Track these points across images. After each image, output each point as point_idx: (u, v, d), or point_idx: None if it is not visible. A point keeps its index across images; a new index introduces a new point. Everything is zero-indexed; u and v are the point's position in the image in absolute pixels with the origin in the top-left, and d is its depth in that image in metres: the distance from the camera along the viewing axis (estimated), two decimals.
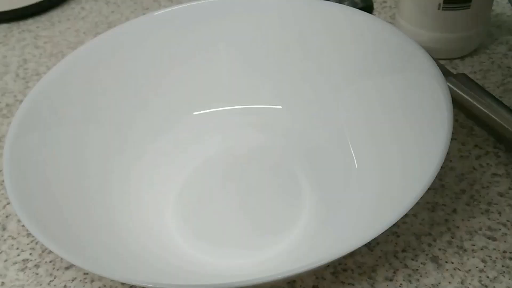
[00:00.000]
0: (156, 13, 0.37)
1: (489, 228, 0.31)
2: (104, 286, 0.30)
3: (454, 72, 0.40)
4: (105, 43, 0.35)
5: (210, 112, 0.38)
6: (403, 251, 0.30)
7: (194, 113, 0.38)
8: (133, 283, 0.23)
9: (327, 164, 0.34)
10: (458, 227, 0.31)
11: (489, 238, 0.30)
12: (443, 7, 0.39)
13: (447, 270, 0.29)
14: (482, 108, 0.35)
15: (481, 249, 0.30)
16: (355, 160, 0.33)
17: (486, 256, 0.29)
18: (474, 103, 0.35)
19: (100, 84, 0.35)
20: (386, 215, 0.26)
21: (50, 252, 0.32)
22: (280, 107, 0.38)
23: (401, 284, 0.28)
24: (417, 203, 0.32)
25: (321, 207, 0.32)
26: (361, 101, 0.34)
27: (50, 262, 0.31)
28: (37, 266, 0.31)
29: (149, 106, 0.37)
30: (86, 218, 0.29)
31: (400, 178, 0.29)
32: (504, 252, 0.29)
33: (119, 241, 0.29)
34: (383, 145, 0.32)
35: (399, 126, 0.31)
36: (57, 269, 0.31)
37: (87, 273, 0.30)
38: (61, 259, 0.31)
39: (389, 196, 0.28)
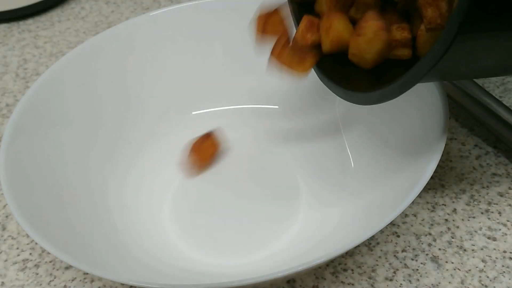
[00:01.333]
0: (152, 13, 0.37)
1: (489, 228, 0.31)
2: (104, 286, 0.30)
3: None
4: (102, 43, 0.35)
5: (208, 112, 0.38)
6: (403, 251, 0.30)
7: (193, 112, 0.38)
8: (132, 283, 0.23)
9: (323, 163, 0.34)
10: (458, 227, 0.31)
11: (489, 238, 0.30)
12: None
13: (447, 270, 0.29)
14: (482, 108, 0.35)
15: (481, 249, 0.30)
16: (351, 160, 0.33)
17: (486, 256, 0.29)
18: (474, 103, 0.35)
19: (98, 84, 0.35)
20: (382, 214, 0.25)
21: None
22: (277, 107, 0.38)
23: (401, 284, 0.28)
24: (417, 203, 0.32)
25: (318, 206, 0.32)
26: None
27: (50, 262, 0.31)
28: (37, 266, 0.31)
29: (147, 105, 0.37)
30: (83, 218, 0.29)
31: (396, 177, 0.29)
32: (504, 252, 0.29)
33: (117, 241, 0.29)
34: (379, 144, 0.32)
35: (396, 125, 0.31)
36: (57, 269, 0.31)
37: (87, 273, 0.30)
38: None
39: (385, 195, 0.28)
